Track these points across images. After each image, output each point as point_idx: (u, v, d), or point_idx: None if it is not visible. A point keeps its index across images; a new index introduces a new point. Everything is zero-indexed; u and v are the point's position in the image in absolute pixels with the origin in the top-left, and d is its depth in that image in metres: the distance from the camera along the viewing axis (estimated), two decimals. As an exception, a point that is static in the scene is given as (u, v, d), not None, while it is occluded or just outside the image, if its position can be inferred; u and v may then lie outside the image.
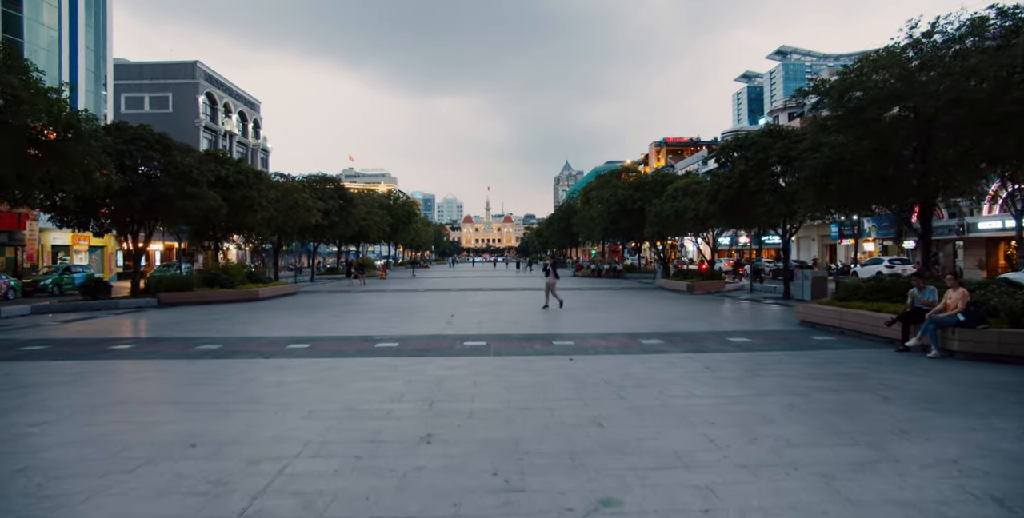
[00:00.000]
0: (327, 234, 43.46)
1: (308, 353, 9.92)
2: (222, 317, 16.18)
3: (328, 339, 11.64)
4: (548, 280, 17.90)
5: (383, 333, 12.43)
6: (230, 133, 66.04)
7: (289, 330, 13.19)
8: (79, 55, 42.33)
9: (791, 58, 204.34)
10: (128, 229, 20.83)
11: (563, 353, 9.76)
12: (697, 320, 14.83)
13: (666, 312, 16.86)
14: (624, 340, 11.20)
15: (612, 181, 42.53)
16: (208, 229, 27.65)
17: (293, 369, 8.50)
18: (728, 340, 11.14)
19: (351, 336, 12.00)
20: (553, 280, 17.90)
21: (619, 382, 7.45)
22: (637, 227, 35.42)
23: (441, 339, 11.48)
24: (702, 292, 25.31)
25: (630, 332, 12.35)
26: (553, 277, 17.88)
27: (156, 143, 20.10)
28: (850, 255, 49.33)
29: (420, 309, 18.17)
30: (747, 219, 21.57)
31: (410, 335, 12.10)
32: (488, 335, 11.98)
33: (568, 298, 22.31)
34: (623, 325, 13.67)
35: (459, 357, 9.40)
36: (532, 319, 15.17)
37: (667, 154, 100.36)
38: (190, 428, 5.54)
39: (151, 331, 13.34)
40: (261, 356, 9.61)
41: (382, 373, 8.15)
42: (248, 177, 26.84)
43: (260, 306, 19.92)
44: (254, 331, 13.01)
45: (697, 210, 23.34)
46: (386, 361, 9.10)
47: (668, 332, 12.35)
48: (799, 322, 13.74)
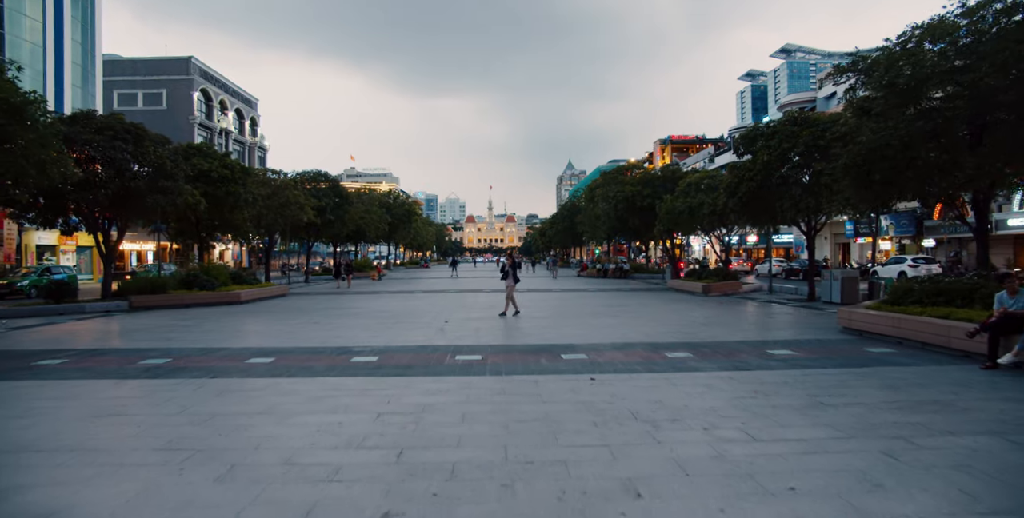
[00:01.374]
0: (322, 233, 41.84)
1: (267, 370, 8.23)
2: (191, 324, 14.52)
3: (298, 352, 9.96)
4: (507, 283, 15.49)
5: (364, 344, 10.74)
6: (226, 130, 64.51)
7: (258, 339, 11.51)
8: (65, 48, 40.79)
9: (795, 56, 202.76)
10: (98, 226, 19.19)
11: (574, 371, 8.05)
12: (723, 327, 13.10)
13: (686, 317, 15.13)
14: (646, 353, 9.49)
15: (618, 178, 40.79)
16: (191, 227, 26.05)
17: (238, 394, 6.82)
18: (768, 353, 9.41)
19: (325, 348, 10.31)
20: (511, 284, 15.46)
21: (651, 415, 5.75)
22: (647, 225, 33.63)
23: (430, 352, 9.79)
24: (718, 294, 23.58)
25: (651, 342, 10.63)
26: (512, 280, 15.41)
27: (126, 133, 18.45)
28: (865, 254, 47.54)
29: (412, 314, 16.48)
30: (770, 214, 19.81)
31: (394, 346, 10.41)
32: (486, 346, 10.28)
33: (576, 301, 20.63)
34: (642, 333, 11.95)
35: (448, 377, 7.70)
36: (537, 326, 13.47)
37: (672, 152, 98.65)
38: (36, 499, 3.85)
39: (99, 341, 11.66)
40: (209, 375, 7.92)
41: (348, 401, 6.45)
42: (233, 172, 25.22)
43: (239, 310, 18.26)
44: (217, 341, 11.33)
45: (714, 205, 21.61)
46: (358, 383, 7.41)
47: (695, 342, 10.63)
48: (841, 329, 12.01)
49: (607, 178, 42.69)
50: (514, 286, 15.55)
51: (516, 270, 15.51)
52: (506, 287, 15.62)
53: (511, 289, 15.55)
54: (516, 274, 15.47)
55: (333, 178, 42.25)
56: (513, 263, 15.71)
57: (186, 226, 25.95)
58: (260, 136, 73.61)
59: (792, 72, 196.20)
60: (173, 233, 26.90)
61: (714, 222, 23.89)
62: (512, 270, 15.48)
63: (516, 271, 15.52)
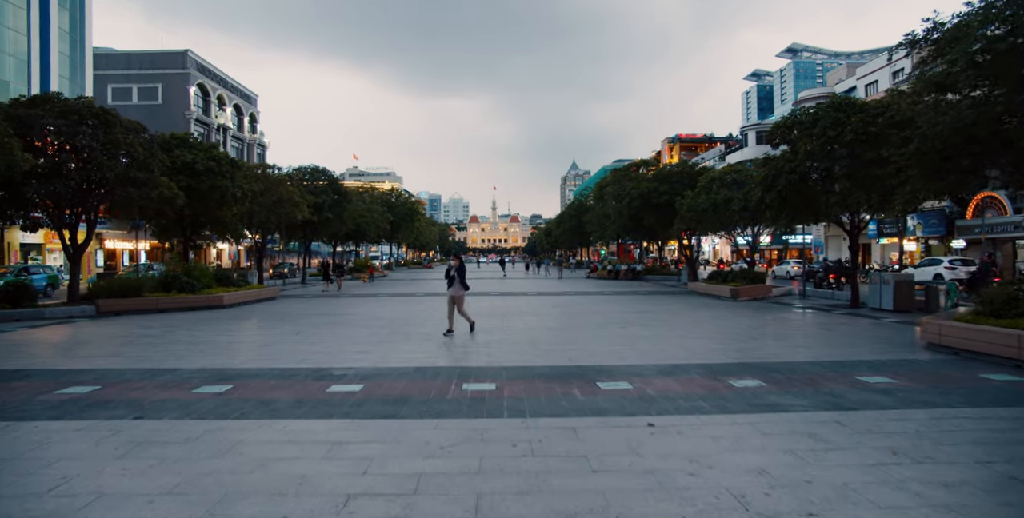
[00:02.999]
0: (320, 232, 39.88)
1: (213, 407, 6.22)
2: (155, 333, 12.54)
3: (265, 375, 7.95)
4: (452, 292, 12.01)
5: (348, 364, 8.73)
6: (224, 126, 62.60)
7: (222, 357, 9.51)
8: (51, 37, 38.93)
9: (801, 56, 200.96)
10: (63, 222, 17.26)
11: (622, 410, 6.03)
12: (778, 341, 11.06)
13: (727, 327, 13.09)
14: (705, 380, 7.46)
15: (630, 175, 38.76)
16: (176, 224, 24.11)
17: (150, 454, 4.80)
18: (858, 380, 7.38)
19: (299, 370, 8.30)
20: (460, 292, 12.00)
21: (766, 503, 3.73)
22: (663, 223, 31.59)
23: (429, 377, 7.76)
24: (747, 298, 21.52)
25: (704, 363, 8.60)
26: (459, 287, 11.94)
27: (93, 117, 16.50)
28: (888, 256, 45.40)
29: (410, 322, 14.46)
30: (812, 210, 17.73)
31: (385, 369, 8.38)
32: (499, 369, 8.26)
33: (594, 306, 18.55)
34: (685, 350, 9.92)
35: (454, 421, 5.68)
36: (556, 339, 11.44)
37: (681, 151, 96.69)
38: None
39: (30, 358, 9.66)
40: (132, 415, 5.92)
41: (307, 468, 4.44)
42: (220, 164, 23.25)
43: (219, 316, 16.28)
44: (173, 358, 9.33)
45: (745, 201, 19.56)
46: (328, 431, 5.39)
47: (758, 364, 8.60)
48: (926, 345, 9.96)
49: (618, 175, 40.70)
50: (463, 295, 12.15)
51: (464, 274, 12.03)
52: (451, 297, 12.01)
53: (461, 301, 12.09)
54: (464, 279, 12.02)
55: (331, 174, 40.27)
56: (461, 265, 12.09)
57: (170, 223, 24.01)
58: (259, 133, 71.74)
59: (799, 72, 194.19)
60: (156, 231, 24.99)
61: (745, 219, 21.80)
62: (459, 275, 11.96)
63: (464, 275, 12.02)
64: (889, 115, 15.85)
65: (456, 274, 11.94)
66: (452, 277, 11.95)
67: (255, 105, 71.81)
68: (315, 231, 39.18)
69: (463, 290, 11.96)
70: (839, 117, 16.85)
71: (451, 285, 11.98)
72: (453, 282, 11.94)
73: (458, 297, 11.98)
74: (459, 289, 11.92)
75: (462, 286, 11.92)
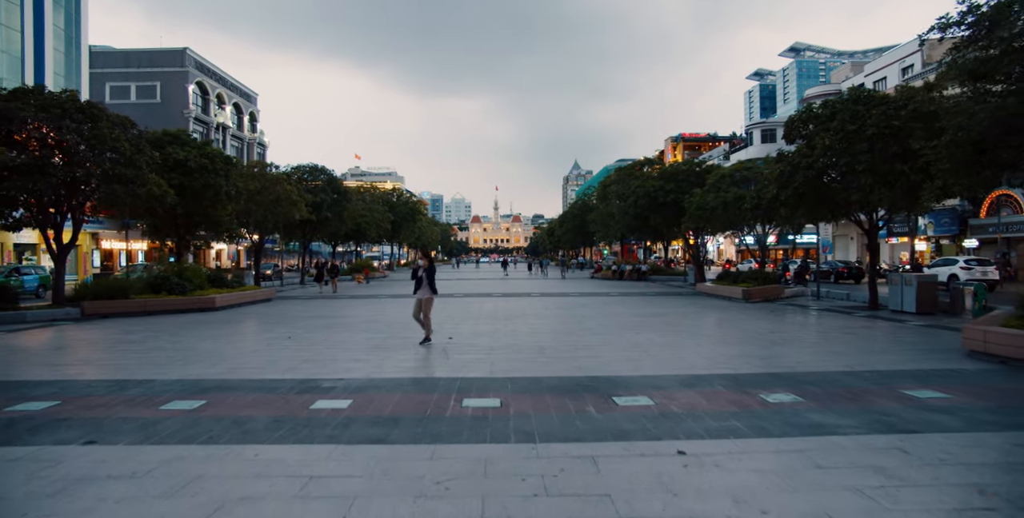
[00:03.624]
0: (319, 231, 39.15)
1: (180, 428, 5.46)
2: (137, 338, 11.79)
3: (245, 388, 7.18)
4: (420, 296, 10.73)
5: (338, 374, 7.96)
6: (223, 125, 61.90)
7: (203, 365, 8.74)
8: (46, 35, 38.23)
9: (804, 55, 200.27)
10: (47, 220, 16.52)
11: (645, 432, 5.25)
12: (804, 347, 10.26)
13: (745, 331, 12.31)
14: (733, 394, 6.68)
15: (635, 173, 37.96)
16: (169, 223, 23.37)
17: (89, 491, 4.03)
18: (905, 395, 6.59)
19: (284, 381, 7.53)
20: (429, 296, 10.72)
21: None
22: (669, 222, 30.78)
23: (427, 390, 6.99)
24: (759, 299, 20.73)
25: (729, 374, 7.81)
26: (428, 290, 10.67)
27: (78, 111, 15.77)
28: (897, 255, 44.54)
29: (410, 325, 13.63)
30: (830, 207, 16.90)
31: (378, 380, 7.61)
32: (503, 381, 7.48)
33: (601, 308, 17.74)
34: (705, 358, 9.13)
35: (453, 448, 4.90)
36: (564, 345, 10.66)
37: (684, 150, 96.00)
38: None
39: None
40: (83, 439, 5.16)
41: (270, 513, 3.68)
42: (214, 162, 22.53)
43: (209, 319, 15.53)
44: (150, 367, 8.57)
45: (758, 199, 18.76)
46: (304, 462, 4.61)
47: (787, 374, 7.81)
48: (968, 352, 9.17)
49: (622, 174, 39.92)
50: (432, 300, 10.84)
51: (433, 277, 10.74)
52: (419, 302, 10.72)
53: (428, 306, 10.74)
54: (434, 282, 10.80)
55: (330, 173, 39.52)
56: (430, 266, 10.74)
57: (162, 222, 23.28)
58: (259, 132, 71.06)
59: (801, 71, 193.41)
60: (148, 230, 24.26)
61: (758, 217, 20.98)
62: (428, 277, 10.65)
63: (433, 278, 10.74)
64: (912, 108, 15.06)
65: (425, 276, 10.64)
66: (420, 279, 10.65)
67: (255, 104, 71.16)
68: (314, 231, 38.46)
69: (432, 294, 10.72)
70: (858, 110, 16.06)
71: (418, 288, 10.69)
72: (421, 284, 10.66)
73: (425, 301, 10.67)
74: (427, 293, 10.66)
75: (431, 290, 10.69)
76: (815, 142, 16.29)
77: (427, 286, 10.65)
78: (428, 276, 10.64)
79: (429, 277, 10.65)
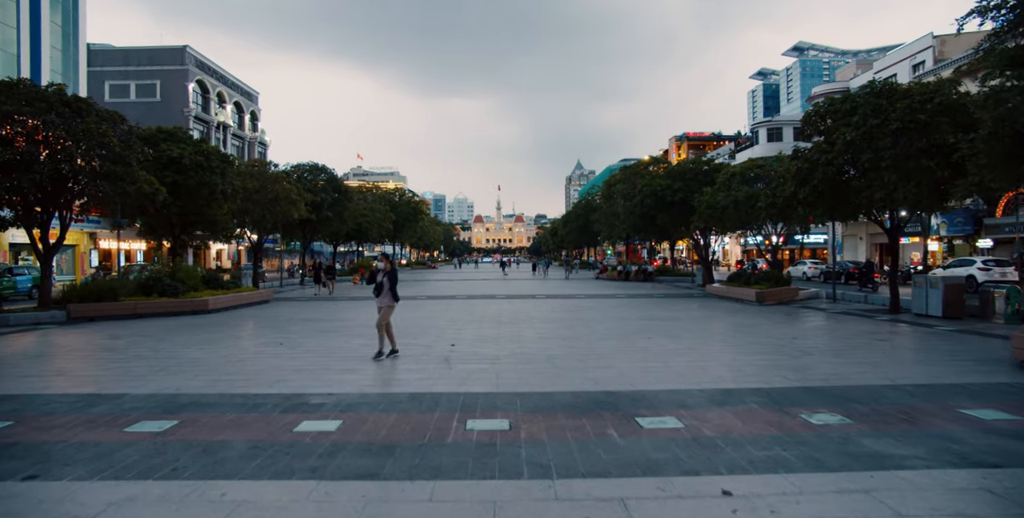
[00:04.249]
0: (320, 231, 38.48)
1: (140, 458, 4.73)
2: (121, 345, 11.09)
3: (223, 405, 6.45)
4: (380, 302, 9.45)
5: (331, 386, 7.24)
6: (224, 124, 61.26)
7: (182, 376, 8.02)
8: (43, 32, 37.59)
9: (808, 54, 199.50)
10: (33, 219, 15.85)
11: (678, 465, 4.50)
12: (835, 357, 9.50)
13: (768, 338, 11.55)
14: (771, 413, 5.93)
15: (640, 172, 37.20)
16: (164, 222, 22.72)
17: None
18: (966, 416, 5.84)
19: (269, 396, 6.81)
20: (390, 304, 9.42)
21: None
22: (677, 222, 29.99)
23: (426, 408, 6.26)
24: (773, 302, 19.96)
25: (761, 388, 7.06)
26: (389, 298, 9.41)
27: (64, 106, 15.08)
28: (909, 256, 43.69)
29: (408, 331, 12.94)
30: (853, 206, 16.11)
31: (372, 395, 6.88)
32: (512, 396, 6.75)
33: (609, 311, 16.95)
34: (731, 368, 8.37)
35: (453, 485, 4.16)
36: (574, 353, 9.92)
37: (689, 149, 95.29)
38: None
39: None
40: (22, 473, 4.44)
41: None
42: (210, 159, 21.86)
43: (200, 323, 14.83)
44: (121, 381, 7.85)
45: (773, 197, 17.98)
46: (280, 502, 3.87)
47: (824, 388, 7.06)
48: (1019, 363, 8.40)
49: (627, 173, 39.18)
50: (393, 309, 9.52)
51: (395, 282, 9.49)
52: (379, 309, 9.46)
53: (388, 313, 9.43)
54: (395, 289, 9.48)
55: (331, 171, 38.84)
56: (392, 270, 9.51)
57: (157, 221, 22.62)
58: (261, 131, 70.44)
59: (805, 70, 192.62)
60: (143, 230, 23.62)
61: (772, 216, 20.18)
62: (389, 282, 9.39)
63: (395, 284, 9.49)
64: (939, 101, 14.30)
65: (386, 281, 9.34)
66: (380, 284, 9.37)
67: (256, 103, 70.57)
68: (315, 230, 37.80)
69: (393, 302, 9.42)
70: (881, 104, 15.29)
71: (379, 295, 9.41)
72: (381, 291, 9.36)
73: (385, 309, 9.35)
74: (388, 300, 9.37)
75: (392, 297, 9.39)
76: (835, 137, 15.53)
77: (388, 292, 9.38)
78: (389, 281, 9.40)
79: (391, 282, 9.42)
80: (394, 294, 9.48)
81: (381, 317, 9.37)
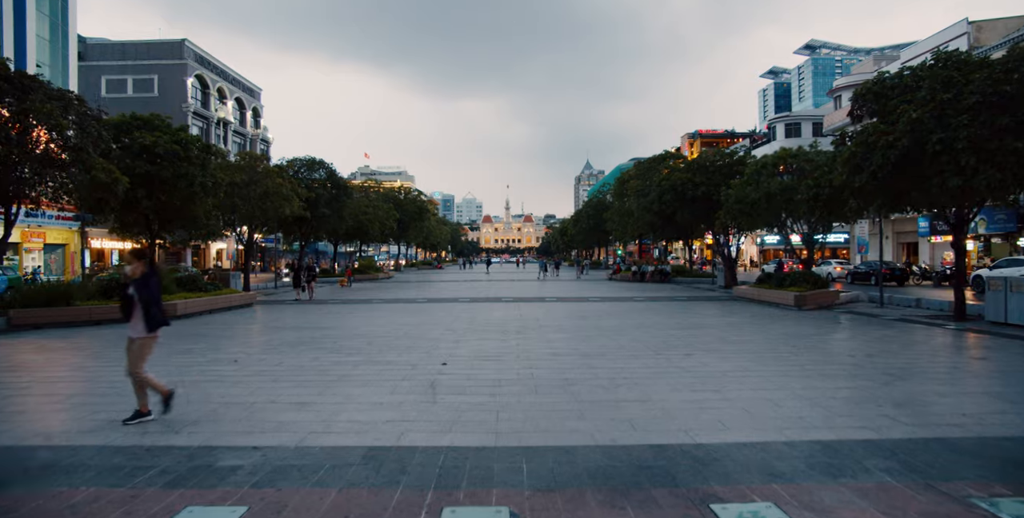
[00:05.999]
0: (318, 229, 36.48)
1: None
2: (30, 364, 9.06)
3: (87, 468, 4.34)
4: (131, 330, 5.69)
5: (260, 434, 5.12)
6: (224, 121, 59.54)
7: (71, 413, 5.95)
8: (28, 20, 35.83)
9: (820, 53, 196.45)
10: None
11: None
12: (947, 386, 7.26)
13: (832, 353, 9.34)
14: (921, 496, 3.73)
15: (656, 167, 34.97)
16: (139, 218, 20.73)
17: None
18: None
19: (167, 450, 4.69)
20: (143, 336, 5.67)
21: None
22: (699, 218, 27.75)
23: (385, 479, 4.11)
24: (813, 307, 17.70)
25: (871, 440, 4.87)
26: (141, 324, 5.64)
27: (3, 81, 13.11)
28: (940, 255, 41.16)
29: (396, 345, 10.82)
30: (921, 194, 13.78)
31: (312, 448, 4.73)
32: (516, 455, 4.60)
33: (631, 318, 14.66)
34: (811, 402, 6.15)
35: None
36: (597, 374, 7.74)
37: (701, 146, 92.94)
38: None
39: None
40: None
41: None
42: (188, 149, 19.86)
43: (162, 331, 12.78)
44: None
45: (816, 188, 15.73)
46: None
47: (968, 441, 4.87)
48: None
49: (642, 169, 36.99)
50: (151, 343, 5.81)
51: (157, 298, 5.70)
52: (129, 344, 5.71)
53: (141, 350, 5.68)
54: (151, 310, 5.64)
55: (330, 166, 36.89)
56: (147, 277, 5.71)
57: (130, 217, 20.64)
58: (263, 128, 68.73)
59: (817, 69, 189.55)
60: (115, 227, 21.68)
61: (816, 210, 17.85)
62: (140, 297, 5.62)
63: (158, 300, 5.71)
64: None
65: (136, 295, 5.61)
66: (129, 299, 5.63)
67: (258, 99, 68.92)
68: (312, 229, 35.82)
69: (146, 332, 5.63)
70: (952, 76, 13.05)
71: (127, 317, 5.68)
72: (132, 310, 5.63)
73: (138, 344, 5.62)
74: (140, 328, 5.62)
75: (147, 322, 5.61)
76: (897, 115, 13.26)
77: (140, 315, 5.60)
78: (143, 294, 5.60)
79: (145, 296, 5.60)
80: (152, 317, 5.60)
81: (131, 358, 5.62)
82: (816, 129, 58.03)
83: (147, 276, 5.70)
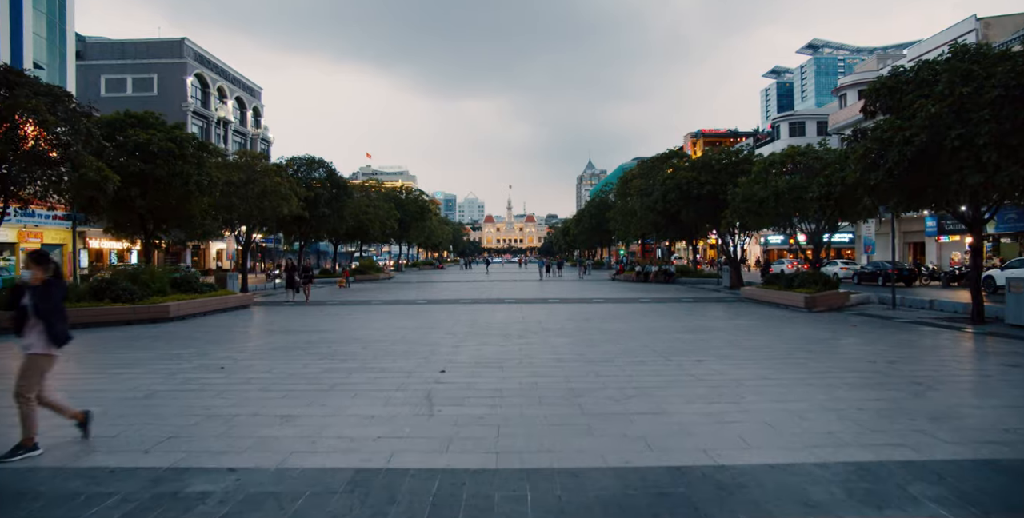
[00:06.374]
0: (317, 229, 36.04)
1: None
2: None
3: (39, 497, 3.89)
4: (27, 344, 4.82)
5: (236, 454, 4.66)
6: (224, 120, 59.15)
7: (40, 434, 5.49)
8: (25, 18, 35.46)
9: (823, 52, 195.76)
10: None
11: None
12: (981, 398, 6.80)
13: (853, 359, 8.84)
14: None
15: (660, 166, 34.47)
16: (133, 217, 20.32)
17: None
18: None
19: (133, 472, 4.22)
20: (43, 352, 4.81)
21: None
22: (704, 218, 27.25)
23: (368, 512, 3.66)
24: (824, 308, 17.20)
25: (912, 462, 4.36)
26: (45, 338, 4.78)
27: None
28: (947, 256, 40.59)
29: (392, 350, 10.36)
30: (940, 191, 13.25)
31: (293, 470, 4.26)
32: (517, 479, 4.12)
33: (637, 321, 14.18)
34: (838, 414, 5.66)
35: None
36: (605, 383, 7.26)
37: (704, 146, 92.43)
38: None
39: None
40: None
41: None
42: (183, 147, 19.44)
43: (145, 335, 12.35)
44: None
45: (829, 186, 15.24)
46: None
47: (1018, 464, 4.40)
48: None
49: (645, 168, 36.47)
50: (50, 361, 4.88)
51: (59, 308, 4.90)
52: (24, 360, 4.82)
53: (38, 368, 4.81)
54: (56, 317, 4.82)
55: (329, 165, 36.46)
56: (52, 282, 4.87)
57: (124, 216, 20.22)
58: (264, 127, 68.34)
59: (819, 68, 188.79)
60: (109, 226, 21.28)
61: (827, 208, 17.33)
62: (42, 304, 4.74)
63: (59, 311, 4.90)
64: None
65: (32, 305, 4.77)
66: (23, 310, 4.79)
67: (259, 99, 68.54)
68: (313, 228, 35.39)
69: (48, 347, 4.82)
70: (972, 69, 12.55)
71: (19, 330, 4.83)
72: (24, 323, 4.80)
73: (33, 361, 4.79)
74: (40, 344, 4.79)
75: (52, 338, 4.81)
76: (914, 111, 12.75)
77: (40, 327, 4.79)
78: (42, 306, 4.77)
79: (46, 308, 4.79)
80: (58, 332, 4.83)
81: (23, 378, 4.76)
82: (820, 128, 57.44)
83: (48, 284, 4.83)
